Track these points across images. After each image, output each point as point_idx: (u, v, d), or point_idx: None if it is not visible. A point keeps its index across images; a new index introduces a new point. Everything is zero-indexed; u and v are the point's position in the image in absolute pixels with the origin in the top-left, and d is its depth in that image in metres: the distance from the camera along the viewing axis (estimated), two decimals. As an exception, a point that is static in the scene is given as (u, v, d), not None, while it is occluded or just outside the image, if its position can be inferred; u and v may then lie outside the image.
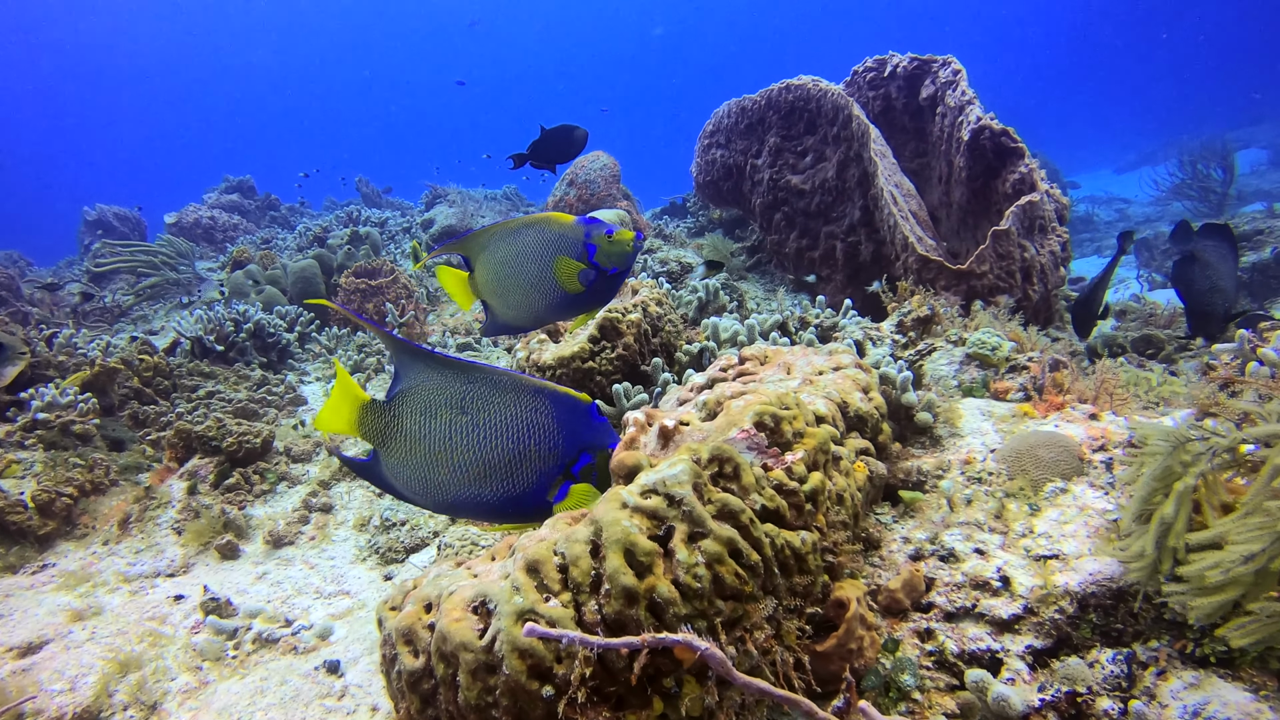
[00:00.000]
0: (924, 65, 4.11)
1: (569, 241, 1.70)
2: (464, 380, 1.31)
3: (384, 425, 1.33)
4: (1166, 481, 1.13)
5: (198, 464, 2.68)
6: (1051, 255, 3.38)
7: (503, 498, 1.33)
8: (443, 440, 1.30)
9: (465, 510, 1.37)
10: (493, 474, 1.32)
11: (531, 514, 1.38)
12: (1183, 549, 1.06)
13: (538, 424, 1.32)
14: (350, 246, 6.17)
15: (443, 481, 1.32)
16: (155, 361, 3.67)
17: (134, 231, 8.31)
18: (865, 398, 1.62)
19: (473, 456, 1.30)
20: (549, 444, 1.33)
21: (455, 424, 1.29)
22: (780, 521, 1.20)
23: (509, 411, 1.31)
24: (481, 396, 1.30)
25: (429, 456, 1.31)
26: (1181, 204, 9.69)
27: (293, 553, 2.36)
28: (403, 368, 1.33)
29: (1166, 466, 1.13)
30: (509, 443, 1.31)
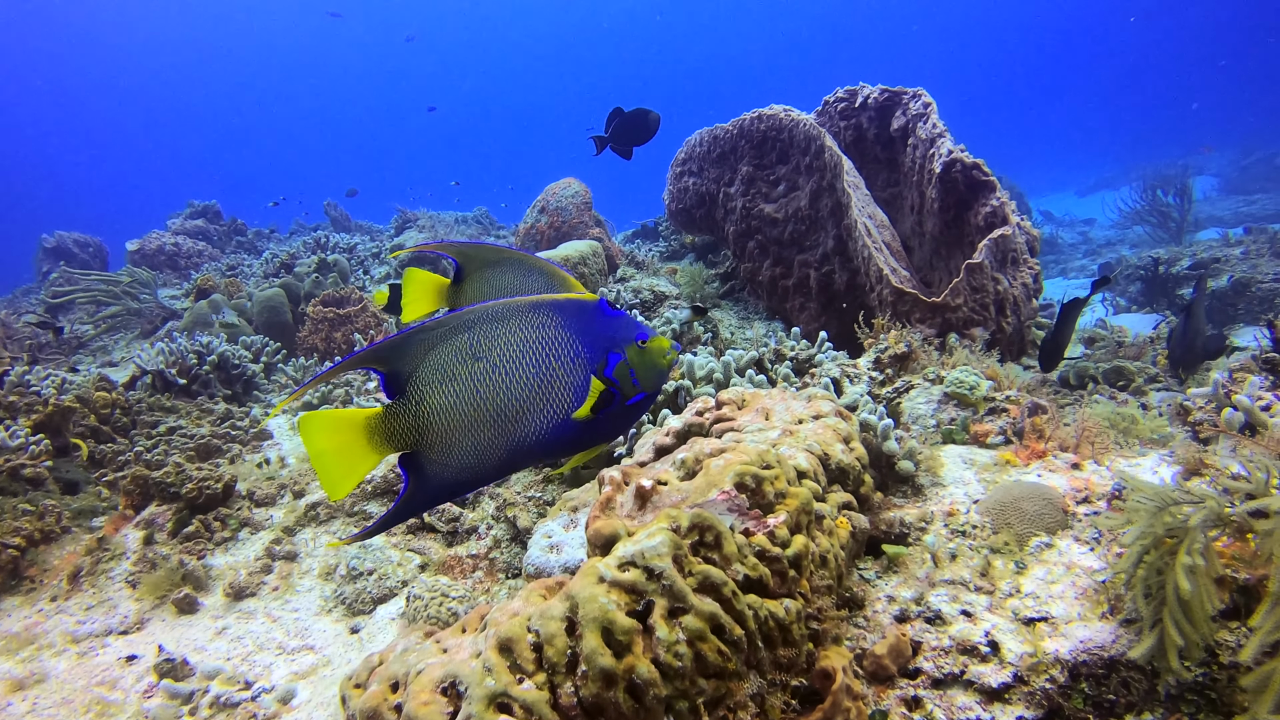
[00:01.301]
0: (895, 96, 4.14)
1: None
2: (463, 329, 1.21)
3: (410, 419, 1.20)
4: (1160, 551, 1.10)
5: (155, 511, 2.58)
6: (1024, 287, 3.39)
7: (552, 428, 1.22)
8: (472, 396, 1.20)
9: (526, 459, 1.25)
10: (531, 408, 1.21)
11: (585, 437, 1.26)
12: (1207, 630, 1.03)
13: (551, 339, 1.21)
14: (318, 275, 6.07)
15: (491, 440, 1.21)
16: (113, 397, 3.56)
17: (95, 259, 8.12)
18: (847, 448, 1.59)
19: (505, 397, 1.20)
20: (571, 355, 1.22)
21: (475, 374, 1.19)
22: (763, 591, 1.16)
23: (518, 338, 1.21)
24: (487, 335, 1.20)
25: (469, 421, 1.20)
26: (1142, 228, 9.89)
27: (255, 605, 2.27)
28: (397, 361, 1.21)
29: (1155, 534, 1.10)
30: (531, 368, 1.20)
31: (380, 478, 2.58)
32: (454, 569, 2.25)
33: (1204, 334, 2.69)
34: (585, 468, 2.40)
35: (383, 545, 2.35)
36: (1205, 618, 1.07)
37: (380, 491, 2.58)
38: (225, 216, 9.05)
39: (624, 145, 4.17)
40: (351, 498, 2.58)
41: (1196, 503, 1.06)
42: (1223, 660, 1.09)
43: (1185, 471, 1.42)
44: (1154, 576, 1.12)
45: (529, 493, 2.44)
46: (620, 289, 4.54)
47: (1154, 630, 1.10)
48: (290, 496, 2.77)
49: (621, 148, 4.19)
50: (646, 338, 1.24)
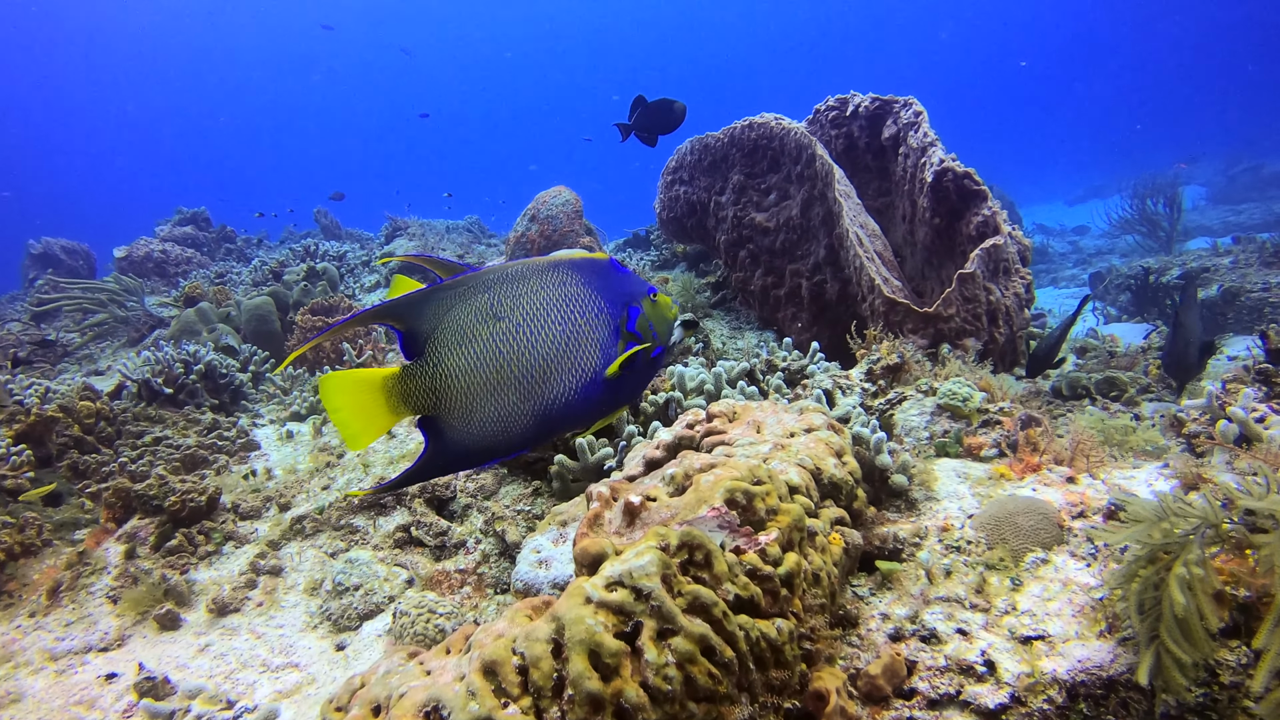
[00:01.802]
0: (886, 105, 4.14)
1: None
2: (481, 289, 1.16)
3: (427, 381, 1.16)
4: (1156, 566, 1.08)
5: (137, 525, 2.53)
6: (1016, 297, 3.38)
7: (581, 389, 1.19)
8: (493, 358, 1.16)
9: (554, 425, 1.19)
10: (557, 366, 1.18)
11: (611, 397, 1.23)
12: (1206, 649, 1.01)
13: (574, 296, 1.18)
14: (307, 283, 6.03)
15: (516, 405, 1.17)
16: (98, 407, 3.51)
17: (83, 265, 8.06)
18: (839, 463, 1.56)
19: (531, 357, 1.16)
20: (594, 311, 1.19)
21: (497, 334, 1.16)
22: (755, 611, 1.13)
23: (540, 296, 1.17)
24: (508, 295, 1.16)
25: (491, 384, 1.16)
26: (1132, 237, 9.93)
27: (238, 621, 2.22)
28: (415, 319, 1.17)
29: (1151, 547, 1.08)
30: (557, 326, 1.17)
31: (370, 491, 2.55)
32: (441, 584, 2.21)
33: (1196, 343, 2.68)
34: (575, 480, 2.37)
35: (369, 560, 2.31)
36: (1203, 634, 1.04)
37: (367, 504, 2.54)
38: (214, 223, 9.00)
39: (648, 134, 4.22)
40: (339, 511, 2.55)
41: (1194, 516, 1.04)
42: (1224, 680, 1.07)
43: (1183, 485, 1.40)
44: (1150, 592, 1.10)
45: (518, 506, 2.41)
46: (611, 298, 4.51)
47: (1150, 647, 1.08)
48: (276, 509, 2.73)
49: (646, 135, 4.24)
50: (654, 291, 1.23)
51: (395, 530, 2.43)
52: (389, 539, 2.41)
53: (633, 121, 4.22)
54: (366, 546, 2.42)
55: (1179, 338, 2.80)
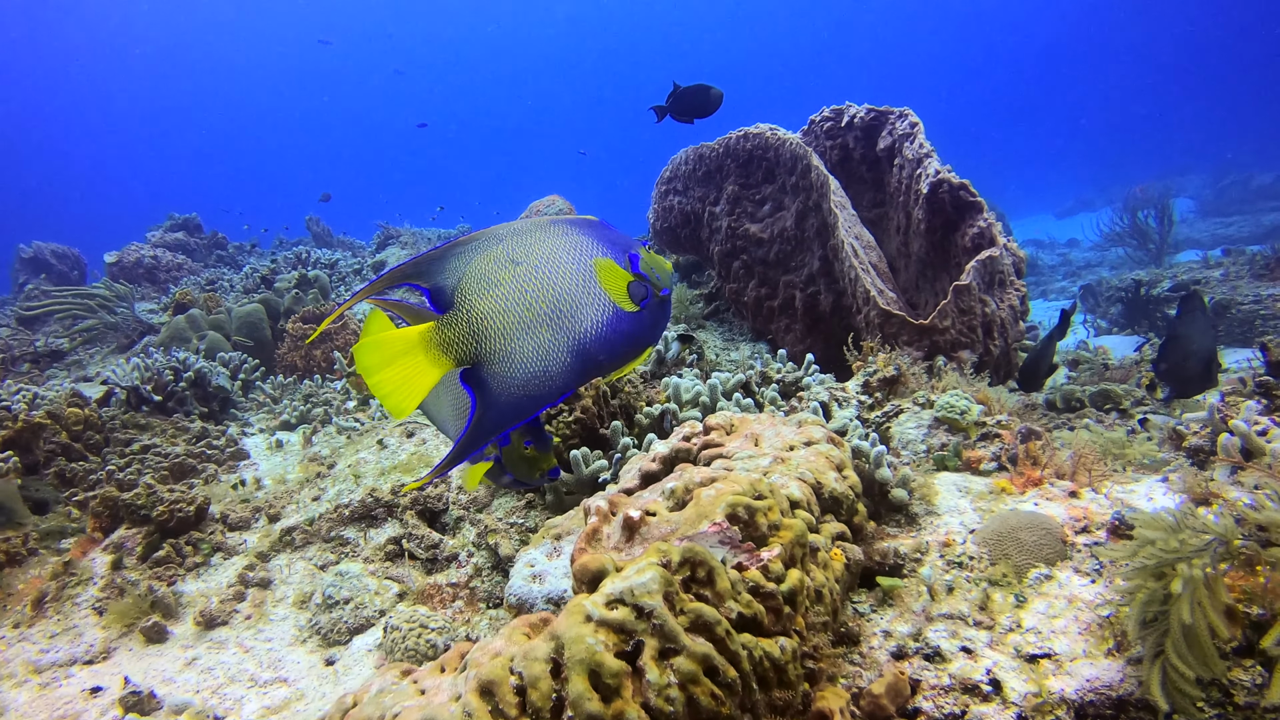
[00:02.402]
0: (881, 116, 4.14)
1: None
2: (495, 241, 1.21)
3: (464, 327, 1.17)
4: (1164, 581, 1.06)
5: (124, 535, 2.49)
6: (1011, 309, 3.38)
7: (608, 321, 1.22)
8: (520, 297, 1.18)
9: (590, 358, 1.22)
10: (581, 301, 1.21)
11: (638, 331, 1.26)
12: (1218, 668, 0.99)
13: (579, 242, 1.23)
14: (298, 290, 5.99)
15: (552, 341, 1.19)
16: (86, 414, 3.46)
17: (73, 270, 8.00)
18: (840, 477, 1.54)
19: (555, 293, 1.20)
20: (601, 254, 1.24)
21: (518, 277, 1.19)
22: (758, 629, 1.11)
23: (551, 243, 1.22)
24: (520, 245, 1.21)
25: (523, 322, 1.19)
26: (1123, 250, 9.99)
27: (226, 634, 2.18)
28: (439, 274, 1.19)
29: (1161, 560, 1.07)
30: (572, 266, 1.21)
31: (359, 502, 2.51)
32: (433, 598, 2.18)
33: (1199, 354, 2.66)
34: (569, 493, 2.34)
35: (360, 573, 2.28)
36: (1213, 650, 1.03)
37: (359, 516, 2.51)
38: (206, 229, 8.95)
39: (684, 116, 4.33)
40: (330, 522, 2.51)
41: (1208, 532, 1.02)
42: (1238, 700, 1.05)
43: (1192, 499, 1.39)
44: (1157, 606, 1.09)
45: (511, 519, 2.38)
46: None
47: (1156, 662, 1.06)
48: (265, 520, 2.69)
49: (684, 117, 4.34)
50: (646, 244, 1.27)
51: (386, 543, 2.40)
52: (380, 551, 2.38)
53: (669, 104, 4.31)
54: (357, 559, 2.38)
55: (1175, 349, 2.79)
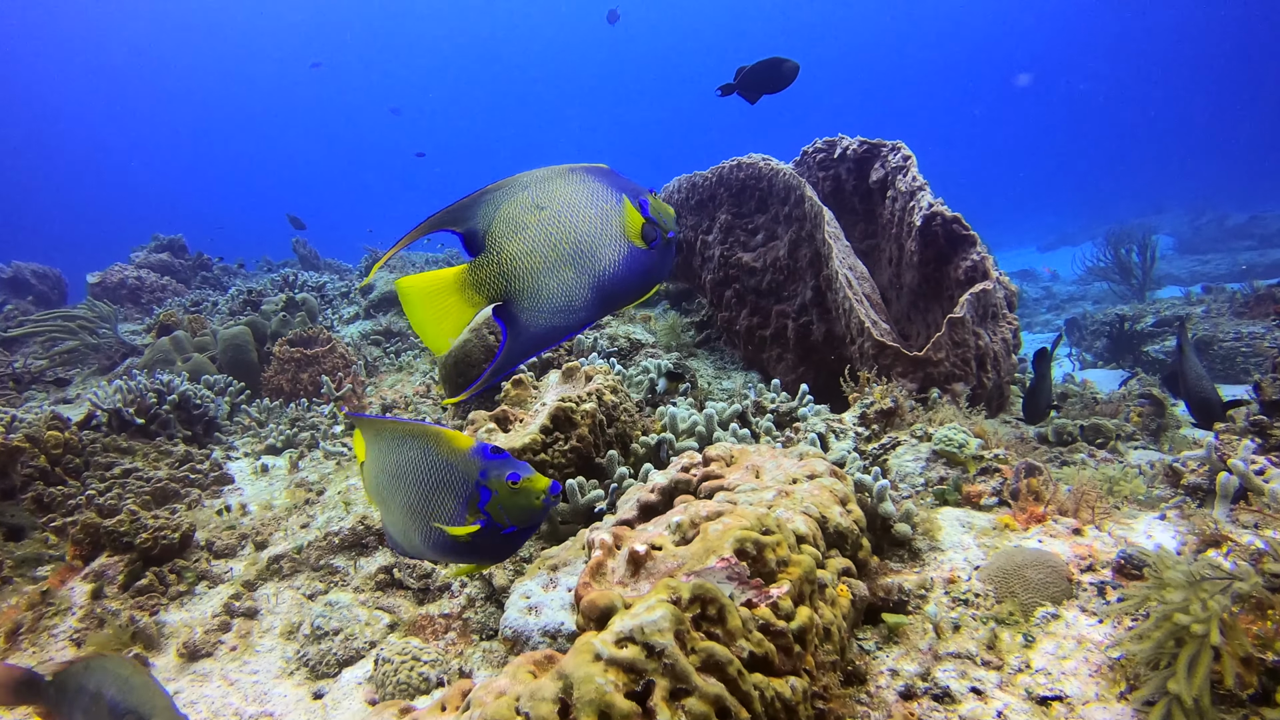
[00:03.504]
0: (874, 149, 4.18)
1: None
2: (520, 188, 1.31)
3: (495, 268, 1.28)
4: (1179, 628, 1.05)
5: (105, 562, 2.42)
6: (1004, 342, 3.40)
7: (623, 259, 1.32)
8: (545, 239, 1.29)
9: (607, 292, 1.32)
10: (599, 242, 1.31)
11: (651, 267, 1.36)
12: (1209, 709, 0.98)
13: (595, 188, 1.33)
14: (286, 313, 5.94)
15: (575, 279, 1.30)
16: (66, 437, 3.40)
17: (53, 291, 7.90)
18: (844, 511, 1.53)
19: (576, 235, 1.30)
20: (615, 198, 1.33)
21: (543, 221, 1.29)
22: (769, 668, 1.09)
23: (570, 189, 1.32)
24: (542, 191, 1.31)
25: (549, 263, 1.30)
26: (1105, 284, 10.11)
27: (210, 666, 2.12)
28: (470, 219, 1.30)
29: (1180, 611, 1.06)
30: (590, 210, 1.31)
31: (349, 530, 2.47)
32: (425, 629, 2.13)
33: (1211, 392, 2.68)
34: (564, 522, 2.31)
35: (350, 603, 2.23)
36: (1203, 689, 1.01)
37: (348, 544, 2.46)
38: (191, 251, 8.88)
39: (752, 92, 4.36)
40: (319, 551, 2.46)
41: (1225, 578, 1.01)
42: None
43: (1201, 542, 1.39)
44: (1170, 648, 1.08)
45: (505, 547, 2.34)
46: (596, 335, 4.48)
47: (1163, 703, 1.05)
48: (251, 548, 2.64)
49: (748, 94, 4.37)
50: (653, 190, 1.37)
51: (377, 572, 2.35)
52: (370, 581, 2.33)
53: (738, 80, 4.35)
54: (347, 588, 2.33)
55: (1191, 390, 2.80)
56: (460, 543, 1.27)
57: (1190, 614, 1.03)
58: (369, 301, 7.19)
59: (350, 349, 5.64)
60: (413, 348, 6.31)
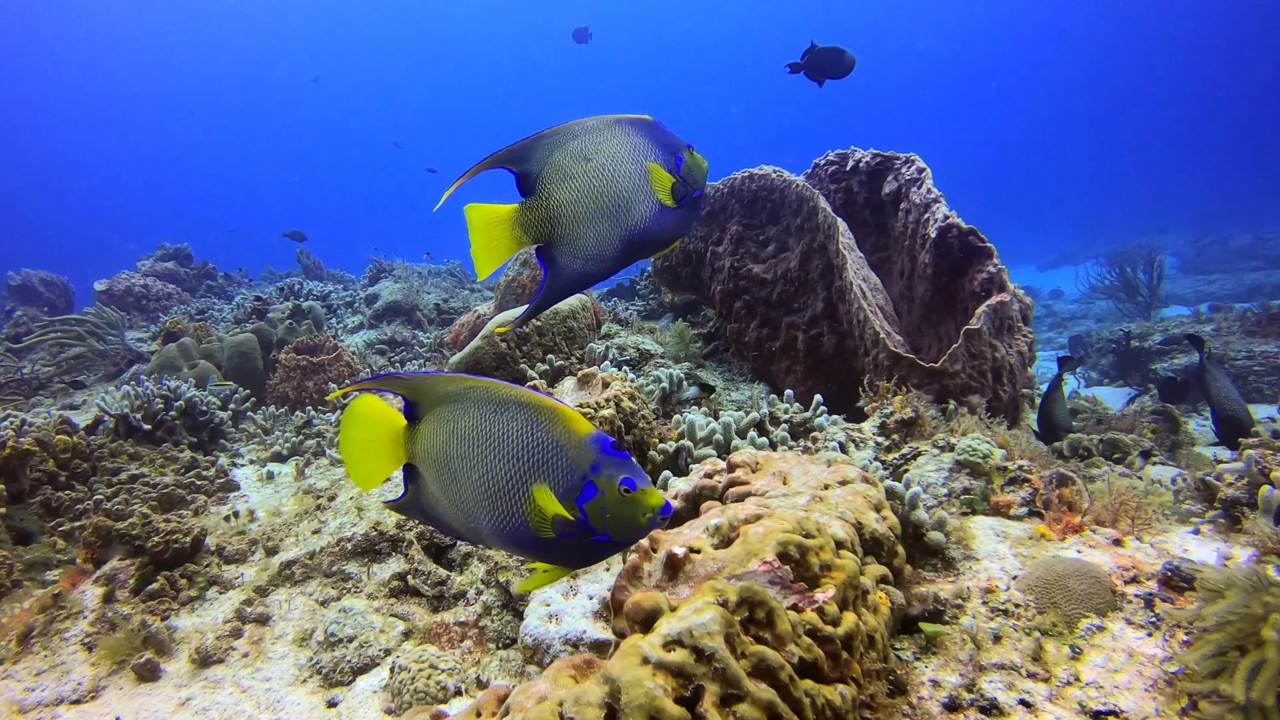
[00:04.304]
0: (887, 161, 4.17)
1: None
2: (572, 137, 1.37)
3: (543, 212, 1.37)
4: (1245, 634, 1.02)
5: (116, 566, 2.38)
6: (1019, 355, 3.37)
7: (653, 216, 1.39)
8: (589, 191, 1.36)
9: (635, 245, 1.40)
10: (635, 198, 1.38)
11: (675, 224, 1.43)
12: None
13: (639, 143, 1.39)
14: (292, 321, 5.92)
15: (609, 230, 1.38)
16: (74, 442, 3.36)
17: (61, 298, 7.88)
18: (879, 517, 1.50)
19: (616, 190, 1.37)
20: (654, 155, 1.39)
21: (589, 172, 1.36)
22: (818, 675, 1.05)
23: (616, 143, 1.38)
24: (591, 142, 1.37)
25: (589, 213, 1.37)
26: (1109, 303, 10.11)
27: (222, 673, 2.08)
28: (527, 161, 1.37)
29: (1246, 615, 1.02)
30: (631, 165, 1.38)
31: (362, 535, 2.43)
32: (441, 637, 2.10)
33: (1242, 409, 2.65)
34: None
35: (364, 610, 2.19)
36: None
37: (361, 550, 2.42)
38: (196, 260, 8.88)
39: (818, 75, 4.58)
40: (331, 556, 2.42)
41: (1290, 588, 0.99)
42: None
43: (1262, 554, 1.36)
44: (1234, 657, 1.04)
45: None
46: (608, 344, 4.46)
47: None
48: (262, 553, 2.60)
49: (815, 75, 4.60)
50: (691, 146, 1.43)
51: (391, 578, 2.31)
52: (384, 587, 2.30)
53: (804, 60, 4.54)
54: (360, 595, 2.29)
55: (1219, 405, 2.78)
56: (541, 537, 1.15)
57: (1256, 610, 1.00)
58: (374, 311, 7.17)
59: (355, 357, 5.62)
60: (417, 357, 6.29)
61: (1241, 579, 1.03)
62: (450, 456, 1.24)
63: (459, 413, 1.25)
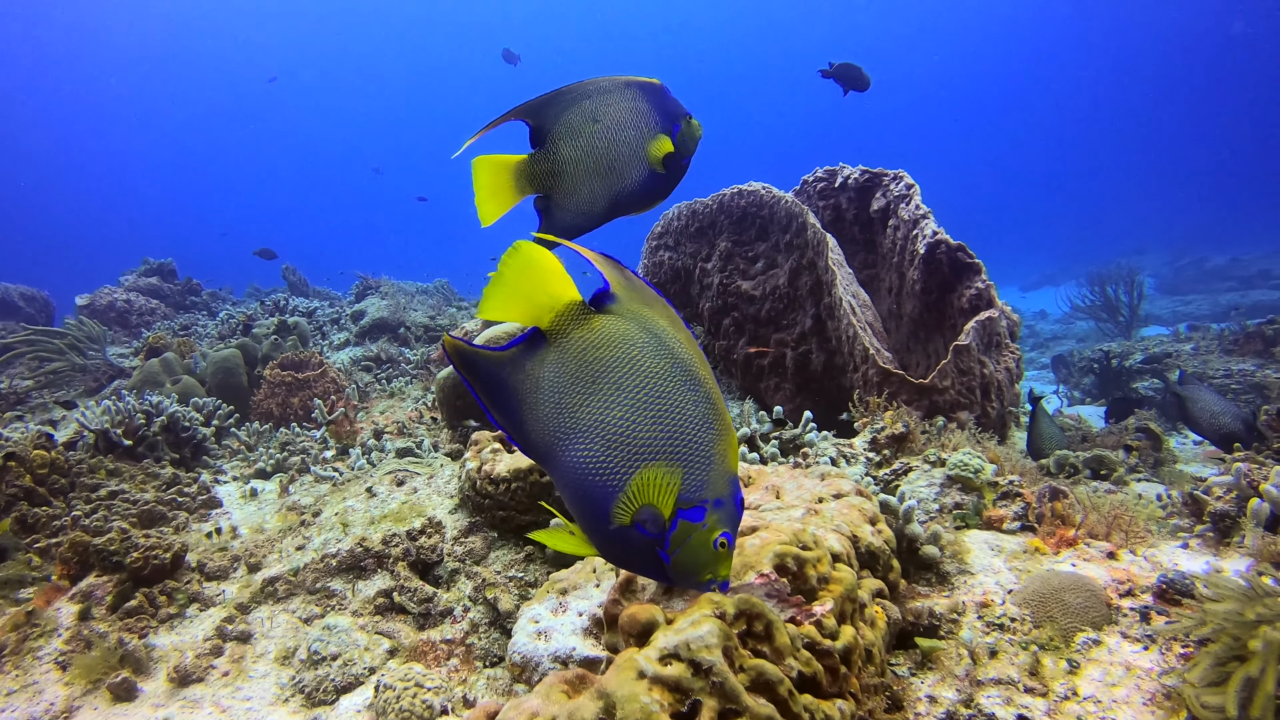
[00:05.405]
0: (875, 178, 4.20)
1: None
2: (584, 97, 1.46)
3: (549, 165, 1.45)
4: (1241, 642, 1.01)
5: (94, 583, 2.33)
6: (1007, 371, 3.39)
7: (642, 180, 1.49)
8: (591, 151, 1.46)
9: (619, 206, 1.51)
10: (629, 161, 1.47)
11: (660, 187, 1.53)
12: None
13: (642, 109, 1.47)
14: (277, 336, 5.87)
15: (600, 189, 1.48)
16: (52, 457, 3.30)
17: (41, 313, 7.78)
18: (875, 531, 1.49)
19: (615, 152, 1.46)
20: (654, 123, 1.48)
21: (596, 133, 1.45)
22: (817, 690, 1.04)
23: (622, 107, 1.47)
24: (602, 104, 1.46)
25: (589, 170, 1.46)
26: (1091, 323, 10.21)
27: (201, 692, 2.03)
28: (542, 116, 1.45)
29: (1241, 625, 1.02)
30: (631, 130, 1.47)
31: (347, 552, 2.39)
32: (427, 655, 2.06)
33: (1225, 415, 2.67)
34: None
35: (349, 627, 2.15)
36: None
37: (346, 567, 2.38)
38: (180, 276, 8.80)
39: (845, 83, 5.22)
40: (315, 573, 2.38)
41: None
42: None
43: (1260, 562, 1.35)
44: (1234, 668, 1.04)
45: (510, 572, 2.27)
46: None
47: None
48: (244, 570, 2.55)
49: (844, 82, 5.22)
50: (690, 114, 1.52)
51: (376, 595, 2.27)
52: (369, 605, 2.25)
53: (835, 69, 5.15)
54: (345, 612, 2.25)
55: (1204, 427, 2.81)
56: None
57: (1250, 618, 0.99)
58: (360, 328, 7.12)
59: (341, 374, 5.57)
60: (404, 374, 6.24)
61: (1237, 589, 1.02)
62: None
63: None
